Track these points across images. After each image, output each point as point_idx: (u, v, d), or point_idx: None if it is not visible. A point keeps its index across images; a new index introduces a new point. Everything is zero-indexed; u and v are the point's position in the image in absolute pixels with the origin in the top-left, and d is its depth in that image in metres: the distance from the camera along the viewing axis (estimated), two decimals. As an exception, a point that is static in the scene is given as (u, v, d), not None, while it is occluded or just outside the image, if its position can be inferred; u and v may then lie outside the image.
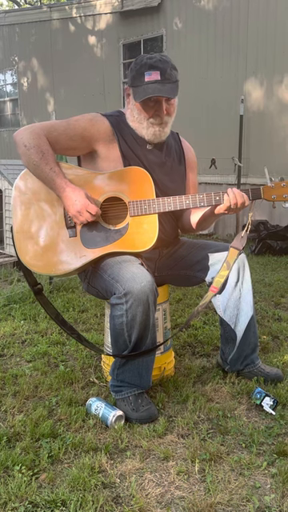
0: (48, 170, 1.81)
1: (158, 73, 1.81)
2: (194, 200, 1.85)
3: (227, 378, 2.13)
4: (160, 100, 1.85)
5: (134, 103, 1.89)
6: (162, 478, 1.51)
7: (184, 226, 2.13)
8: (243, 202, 1.82)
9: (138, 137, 1.94)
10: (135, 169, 1.87)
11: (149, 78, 1.81)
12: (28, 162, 1.83)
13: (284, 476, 1.48)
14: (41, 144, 1.81)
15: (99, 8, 7.65)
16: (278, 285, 3.83)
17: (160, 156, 2.01)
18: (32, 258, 1.90)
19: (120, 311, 1.76)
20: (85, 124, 1.89)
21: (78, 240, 1.87)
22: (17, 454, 1.57)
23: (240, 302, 2.04)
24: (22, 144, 1.82)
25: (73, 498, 1.38)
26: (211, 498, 1.40)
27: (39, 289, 2.07)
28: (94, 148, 1.92)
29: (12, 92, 9.93)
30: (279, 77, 5.66)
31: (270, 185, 1.86)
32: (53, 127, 1.87)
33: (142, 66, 1.83)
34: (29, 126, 1.86)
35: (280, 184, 1.86)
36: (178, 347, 2.54)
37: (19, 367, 2.31)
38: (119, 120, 1.95)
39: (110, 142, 1.91)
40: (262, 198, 1.88)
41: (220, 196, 1.85)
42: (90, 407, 1.83)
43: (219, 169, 6.08)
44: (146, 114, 1.88)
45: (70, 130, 1.88)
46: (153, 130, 1.90)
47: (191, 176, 2.14)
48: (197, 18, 6.45)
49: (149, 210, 1.83)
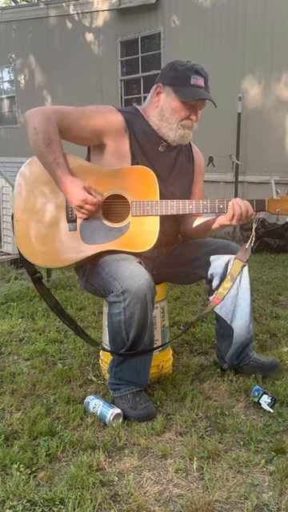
0: (52, 159, 1.79)
1: (202, 79, 1.86)
2: (197, 206, 1.84)
3: (225, 375, 2.13)
4: (197, 106, 1.88)
5: (170, 102, 1.87)
6: (160, 476, 1.51)
7: (185, 231, 2.12)
8: (247, 212, 1.81)
9: (152, 137, 1.93)
10: (141, 168, 1.85)
11: (195, 81, 1.84)
12: (35, 146, 1.81)
13: (282, 473, 1.49)
14: (50, 130, 1.78)
15: (96, 5, 7.62)
16: (275, 283, 3.83)
17: (170, 159, 2.00)
18: (30, 248, 1.89)
19: (118, 309, 1.75)
20: (98, 116, 1.87)
21: (77, 234, 1.87)
22: (15, 453, 1.57)
23: (237, 300, 2.04)
24: (32, 126, 1.79)
25: (71, 496, 1.38)
26: (209, 495, 1.40)
27: (38, 277, 2.06)
28: (104, 142, 1.90)
29: (9, 89, 9.88)
30: (277, 74, 5.65)
31: (276, 198, 1.83)
32: (66, 114, 1.84)
33: (188, 69, 1.85)
34: (41, 109, 1.83)
35: (286, 197, 1.82)
36: (176, 345, 2.54)
37: (17, 365, 2.30)
38: (134, 117, 1.94)
39: (121, 138, 1.90)
40: (265, 211, 1.85)
41: (224, 204, 1.83)
42: (88, 405, 1.83)
43: (217, 166, 6.07)
44: (181, 116, 1.88)
45: (82, 120, 1.85)
46: (182, 132, 1.90)
47: (199, 180, 2.14)
48: (194, 16, 6.43)
49: (151, 212, 1.82)
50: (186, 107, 1.87)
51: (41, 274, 2.07)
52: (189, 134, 1.93)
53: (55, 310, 2.09)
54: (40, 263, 1.94)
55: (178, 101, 1.86)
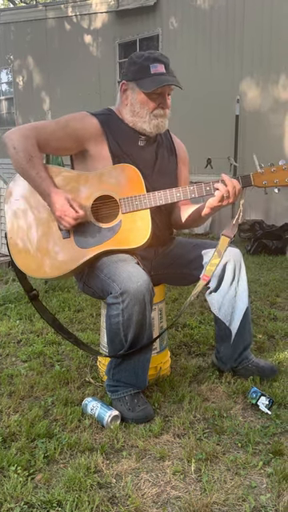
0: (34, 174, 1.82)
1: (162, 66, 1.86)
2: (184, 192, 1.84)
3: (223, 377, 2.13)
4: (163, 92, 1.88)
5: (136, 97, 1.89)
6: (157, 478, 1.50)
7: (178, 221, 2.11)
8: (234, 188, 1.80)
9: (130, 134, 1.95)
10: (124, 166, 1.86)
11: (155, 70, 1.85)
12: (16, 166, 1.84)
13: (280, 475, 1.48)
14: (29, 147, 1.81)
15: (95, 7, 7.63)
16: (273, 284, 3.84)
17: (151, 153, 2.01)
18: (26, 261, 1.90)
19: (116, 311, 1.75)
20: (74, 124, 1.90)
21: (71, 241, 1.87)
22: (12, 455, 1.56)
23: (235, 301, 2.04)
24: (12, 146, 1.82)
25: (69, 498, 1.37)
26: (207, 497, 1.40)
27: (35, 295, 2.07)
28: (85, 147, 1.92)
29: (7, 91, 9.89)
30: (275, 76, 5.67)
31: (260, 171, 1.84)
32: (42, 128, 1.88)
33: (146, 59, 1.86)
34: (18, 128, 1.86)
35: (270, 169, 1.83)
36: (174, 347, 2.54)
37: (15, 367, 2.30)
38: (109, 118, 1.96)
39: (100, 141, 1.92)
40: (252, 185, 1.85)
41: (210, 186, 1.84)
42: (86, 407, 1.83)
43: (215, 168, 6.08)
44: (151, 107, 1.89)
45: (59, 130, 1.88)
46: (156, 121, 1.92)
47: (183, 170, 2.15)
48: (193, 18, 6.45)
49: (140, 206, 1.83)
50: (152, 98, 1.88)
51: (37, 292, 2.07)
52: (163, 121, 1.94)
53: (53, 326, 2.10)
54: (40, 276, 1.94)
55: (142, 94, 1.88)
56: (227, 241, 1.92)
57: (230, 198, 1.82)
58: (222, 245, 1.92)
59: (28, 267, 1.90)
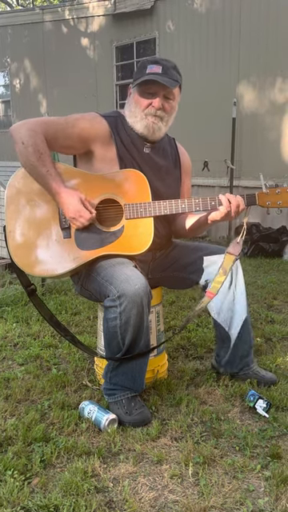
0: (45, 172, 1.79)
1: (159, 67, 1.85)
2: (189, 204, 1.85)
3: (220, 380, 2.12)
4: (157, 93, 1.85)
5: (133, 97, 1.90)
6: (155, 482, 1.50)
7: (178, 230, 2.12)
8: (238, 206, 1.81)
9: (135, 138, 1.94)
10: (132, 171, 1.86)
11: (150, 70, 1.85)
12: (25, 162, 1.80)
13: (278, 479, 1.48)
14: (38, 143, 1.77)
15: (92, 10, 7.65)
16: (270, 287, 3.84)
17: (156, 160, 2.00)
18: (25, 258, 1.88)
19: (114, 314, 1.74)
20: (83, 124, 1.87)
21: (72, 241, 1.86)
22: (9, 459, 1.55)
23: (234, 305, 2.04)
24: (20, 140, 1.78)
25: (65, 502, 1.36)
26: (205, 501, 1.39)
27: (32, 289, 2.04)
28: (91, 148, 1.90)
29: (4, 93, 9.90)
30: (271, 79, 5.69)
31: (265, 191, 1.85)
32: (50, 124, 1.84)
33: (147, 61, 1.88)
34: (26, 122, 1.81)
35: (274, 191, 1.85)
36: (171, 350, 2.53)
37: (11, 370, 2.29)
38: (117, 121, 1.94)
39: (108, 144, 1.90)
40: (256, 205, 1.87)
41: (215, 201, 1.84)
42: (83, 411, 1.82)
43: (212, 171, 6.09)
44: (142, 105, 1.87)
45: (68, 128, 1.85)
46: (146, 122, 1.88)
47: (186, 181, 2.14)
48: (189, 21, 6.47)
49: (145, 214, 1.82)
50: (144, 96, 1.87)
51: (35, 286, 2.05)
52: (155, 123, 1.88)
53: (50, 322, 2.08)
54: (37, 274, 1.92)
55: (137, 94, 1.88)
56: (232, 259, 1.91)
57: (233, 214, 1.83)
58: (227, 263, 1.91)
59: (25, 264, 1.89)
